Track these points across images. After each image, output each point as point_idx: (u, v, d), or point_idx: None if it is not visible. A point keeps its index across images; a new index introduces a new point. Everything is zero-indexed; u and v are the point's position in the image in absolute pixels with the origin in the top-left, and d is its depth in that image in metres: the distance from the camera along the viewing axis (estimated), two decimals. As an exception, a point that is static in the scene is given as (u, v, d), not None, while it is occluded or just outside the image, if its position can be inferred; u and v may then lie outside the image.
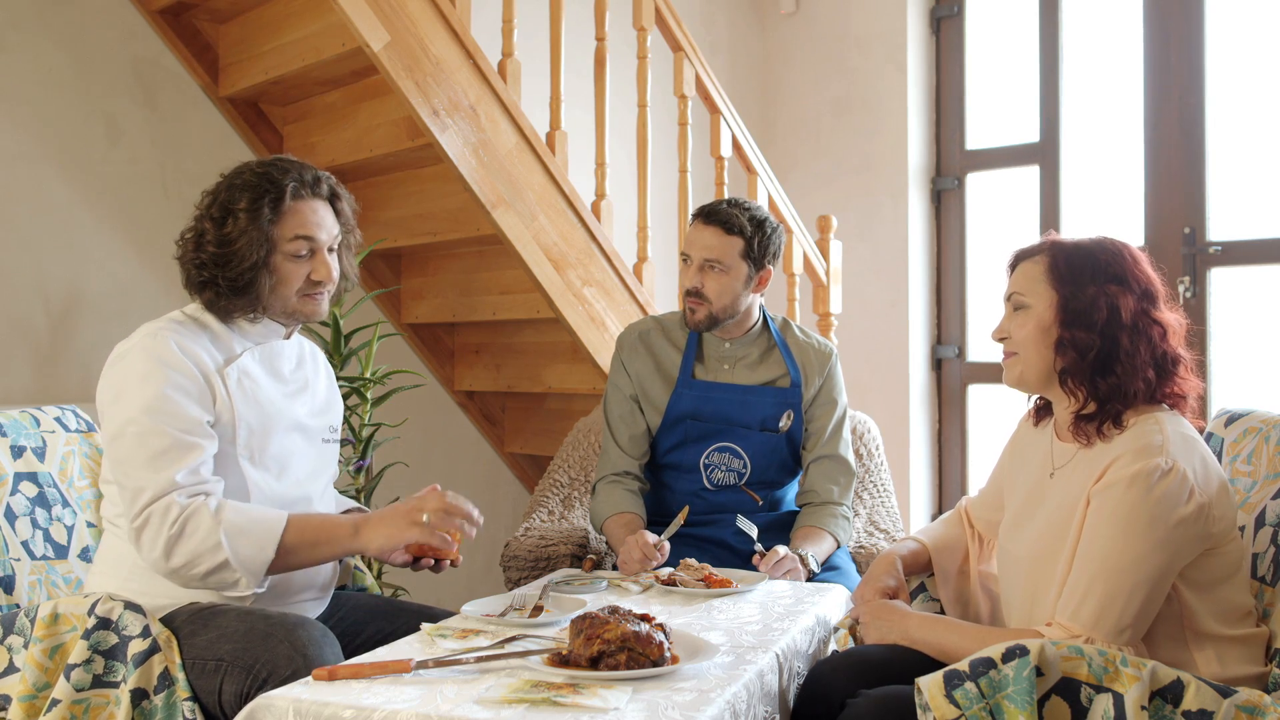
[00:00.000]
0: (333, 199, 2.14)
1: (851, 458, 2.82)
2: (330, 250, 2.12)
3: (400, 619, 2.15)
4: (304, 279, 2.09)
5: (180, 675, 1.84)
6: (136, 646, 1.84)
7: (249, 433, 2.05)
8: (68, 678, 1.82)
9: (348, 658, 1.85)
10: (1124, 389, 1.83)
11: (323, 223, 2.11)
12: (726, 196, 2.79)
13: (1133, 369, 1.83)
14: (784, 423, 2.74)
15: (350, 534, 1.99)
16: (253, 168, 2.09)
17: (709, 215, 2.70)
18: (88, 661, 1.83)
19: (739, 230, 2.66)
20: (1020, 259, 1.97)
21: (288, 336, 2.19)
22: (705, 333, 2.77)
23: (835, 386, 2.83)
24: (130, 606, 1.87)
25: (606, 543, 2.91)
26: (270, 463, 2.09)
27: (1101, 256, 1.88)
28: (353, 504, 2.40)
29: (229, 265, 2.03)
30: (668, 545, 2.44)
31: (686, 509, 2.55)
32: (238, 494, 2.03)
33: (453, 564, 2.11)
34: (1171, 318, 1.88)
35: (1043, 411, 2.04)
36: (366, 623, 2.17)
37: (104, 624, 1.85)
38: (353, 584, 2.44)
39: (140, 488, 1.92)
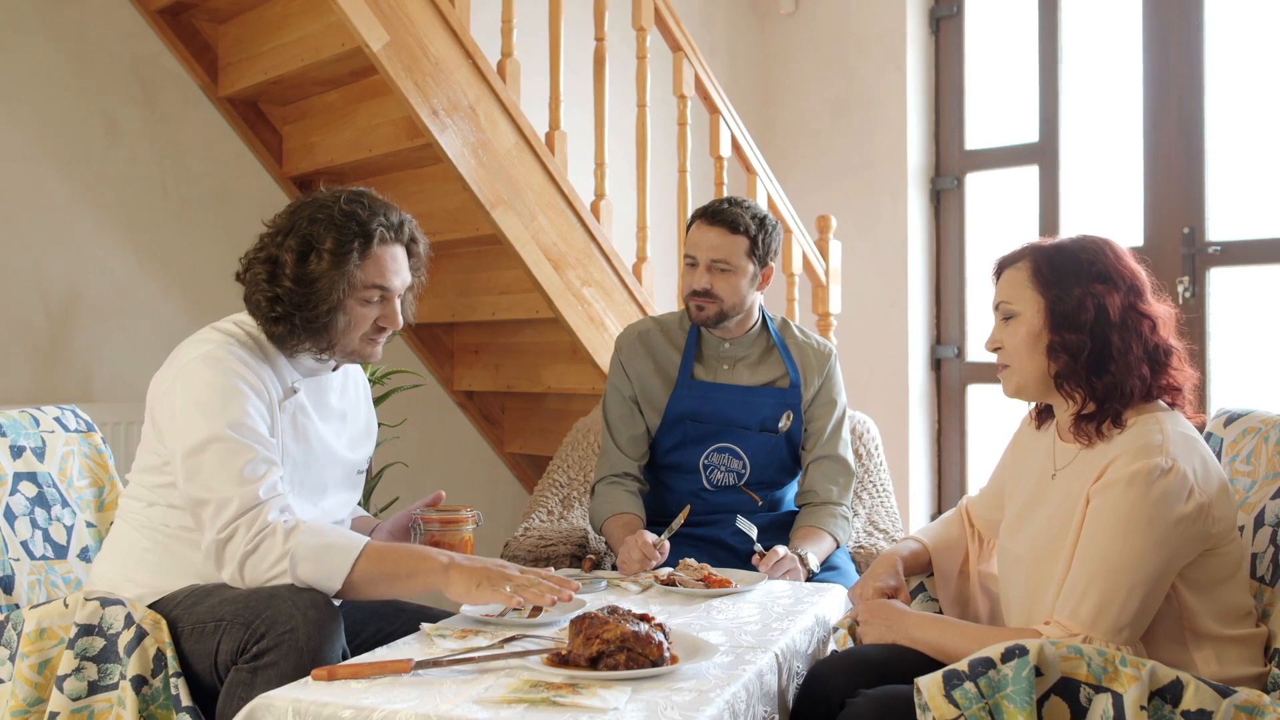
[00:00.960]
0: (410, 243, 2.13)
1: (851, 458, 2.82)
2: (399, 297, 2.11)
3: (400, 619, 2.16)
4: (371, 323, 2.08)
5: (169, 652, 1.85)
6: (125, 638, 1.84)
7: (293, 466, 2.05)
8: (61, 689, 1.82)
9: (347, 659, 1.85)
10: (1120, 387, 1.83)
11: (400, 270, 2.09)
12: (724, 196, 2.78)
13: (1127, 366, 1.82)
14: (783, 423, 2.74)
15: (440, 570, 1.91)
16: (339, 204, 2.04)
17: (714, 215, 2.68)
18: (78, 670, 1.83)
19: (744, 229, 2.66)
20: (1004, 266, 1.96)
21: (336, 368, 2.18)
22: (706, 331, 2.77)
23: (835, 386, 2.82)
24: (108, 602, 1.87)
25: (606, 543, 2.91)
26: (310, 493, 2.11)
27: (1084, 255, 1.87)
28: (361, 511, 2.41)
29: (307, 305, 2.00)
30: (667, 545, 2.44)
31: (688, 508, 2.55)
32: None
33: None
34: (1160, 309, 1.87)
35: (1044, 414, 2.04)
36: (366, 623, 2.17)
37: (86, 630, 1.85)
38: None
39: (226, 499, 1.89)
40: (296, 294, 2.00)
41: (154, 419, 2.03)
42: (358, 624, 2.17)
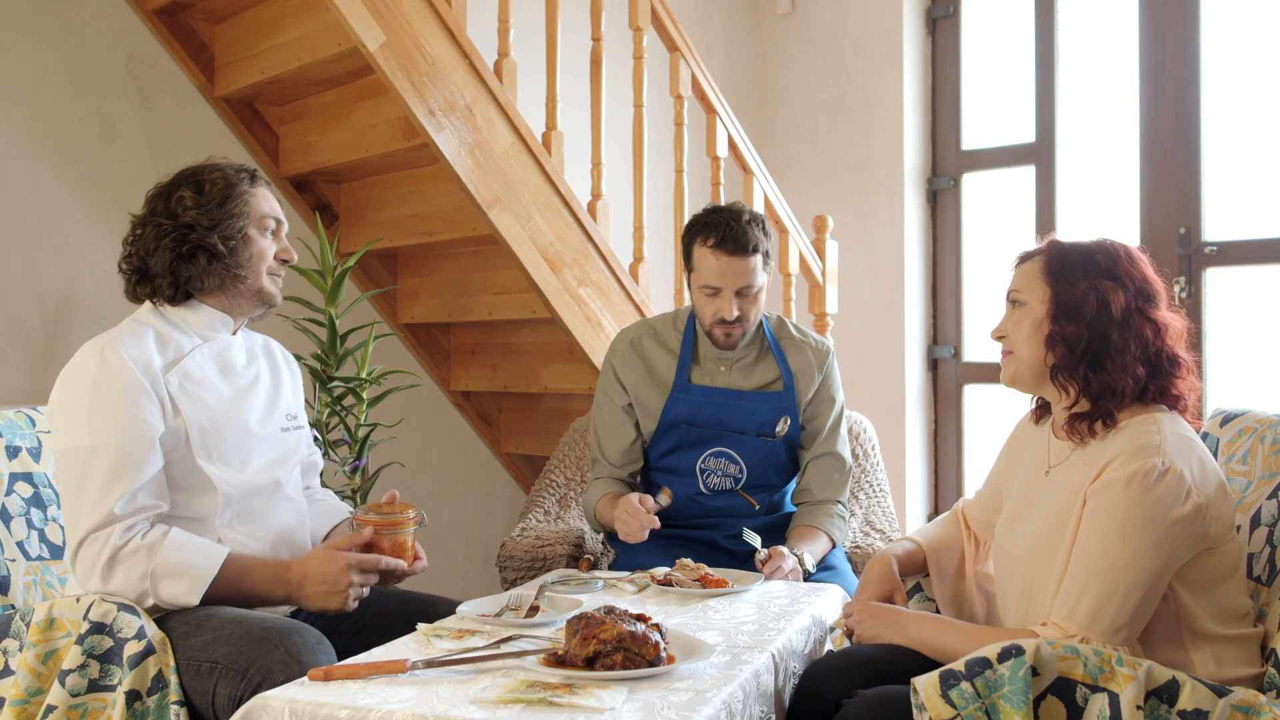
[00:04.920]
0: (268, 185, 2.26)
1: (848, 455, 2.82)
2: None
3: (395, 619, 2.16)
4: (272, 256, 2.17)
5: (173, 678, 1.84)
6: (132, 648, 1.83)
7: (201, 433, 2.05)
8: (62, 683, 1.81)
9: (360, 651, 1.86)
10: (1114, 385, 1.83)
11: (279, 207, 2.23)
12: (722, 206, 2.71)
13: (1122, 365, 1.83)
14: (780, 428, 2.73)
15: (285, 597, 2.04)
16: (207, 163, 2.18)
17: (733, 244, 2.59)
18: (82, 666, 1.82)
19: (759, 249, 2.63)
20: (1022, 259, 1.98)
21: (234, 331, 2.19)
22: (703, 332, 2.77)
23: (833, 384, 2.83)
24: (124, 608, 1.87)
25: (603, 540, 2.91)
26: (230, 457, 2.09)
27: (1098, 254, 1.89)
28: (339, 503, 2.40)
29: (219, 225, 2.08)
30: (651, 500, 2.51)
31: (668, 490, 2.60)
32: (203, 491, 2.04)
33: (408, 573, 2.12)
34: (1171, 317, 1.88)
35: (1044, 410, 2.05)
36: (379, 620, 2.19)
37: (98, 628, 1.84)
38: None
39: (78, 518, 1.95)
40: (206, 216, 2.08)
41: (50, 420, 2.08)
42: (353, 623, 2.17)
